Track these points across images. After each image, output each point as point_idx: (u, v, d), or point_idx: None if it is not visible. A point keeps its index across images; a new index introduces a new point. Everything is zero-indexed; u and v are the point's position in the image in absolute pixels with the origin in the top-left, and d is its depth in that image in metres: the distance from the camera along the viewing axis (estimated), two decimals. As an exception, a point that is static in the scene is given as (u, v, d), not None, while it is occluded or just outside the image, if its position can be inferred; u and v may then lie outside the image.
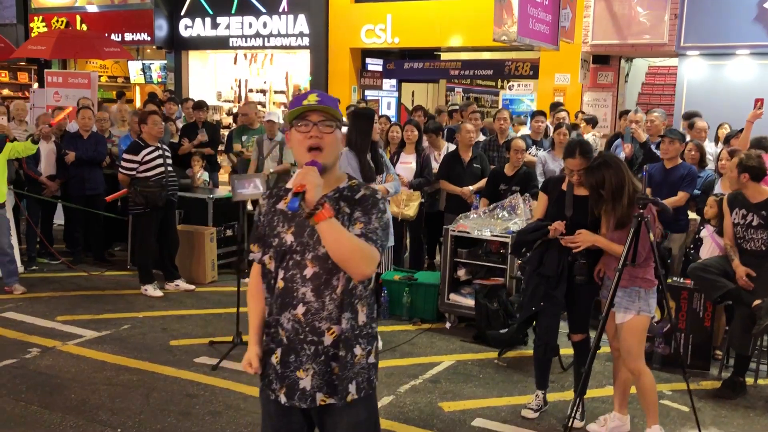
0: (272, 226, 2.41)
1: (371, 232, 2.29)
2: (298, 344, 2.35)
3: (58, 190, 7.87)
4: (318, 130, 2.31)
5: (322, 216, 2.14)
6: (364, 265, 2.23)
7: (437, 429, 4.20)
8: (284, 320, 2.37)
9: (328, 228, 2.17)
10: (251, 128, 8.65)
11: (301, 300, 2.34)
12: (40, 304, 6.50)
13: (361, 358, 2.39)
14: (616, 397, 4.24)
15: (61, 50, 10.90)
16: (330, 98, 2.39)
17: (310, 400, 2.35)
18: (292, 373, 2.36)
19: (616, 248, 3.91)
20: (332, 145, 2.34)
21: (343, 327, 2.34)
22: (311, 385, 2.35)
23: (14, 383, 4.71)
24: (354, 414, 2.41)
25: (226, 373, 4.95)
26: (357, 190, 2.38)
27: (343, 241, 2.20)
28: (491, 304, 5.77)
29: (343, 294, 2.33)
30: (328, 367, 2.35)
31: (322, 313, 2.33)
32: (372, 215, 2.32)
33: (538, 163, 7.23)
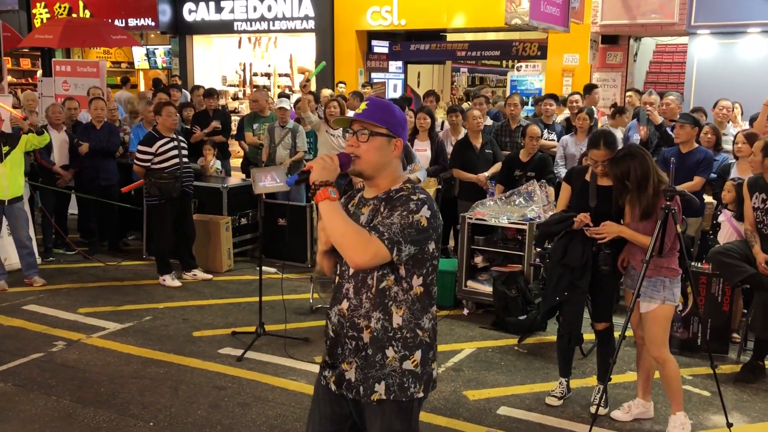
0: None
1: (383, 225, 2.29)
2: (342, 338, 2.43)
3: (72, 180, 7.90)
4: (355, 139, 2.38)
5: (320, 197, 2.25)
6: (355, 253, 2.25)
7: (464, 418, 4.26)
8: (332, 314, 2.48)
9: (324, 209, 2.27)
10: (262, 116, 8.64)
11: (345, 296, 2.43)
12: (60, 296, 6.56)
13: (393, 361, 2.39)
14: (640, 383, 4.29)
15: (69, 39, 10.86)
16: (381, 106, 2.43)
17: (355, 392, 2.42)
18: (339, 364, 2.44)
19: (641, 239, 3.94)
20: (369, 152, 2.38)
21: (373, 326, 2.38)
22: (355, 377, 2.41)
23: (44, 377, 4.78)
24: (388, 420, 2.42)
25: (251, 364, 5.01)
26: (400, 190, 2.41)
27: (337, 223, 2.26)
28: (510, 291, 5.82)
29: (377, 294, 2.38)
30: (367, 363, 2.40)
31: (360, 311, 2.39)
32: (395, 212, 2.32)
33: (559, 147, 7.24)
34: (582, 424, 4.19)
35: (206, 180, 8.09)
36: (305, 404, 4.38)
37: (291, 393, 4.56)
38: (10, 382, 4.71)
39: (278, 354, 5.20)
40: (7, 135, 6.71)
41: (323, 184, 2.26)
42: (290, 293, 6.26)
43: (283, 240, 7.45)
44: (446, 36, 14.61)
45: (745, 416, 4.36)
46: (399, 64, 14.89)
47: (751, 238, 4.92)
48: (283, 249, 7.36)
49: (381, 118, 2.39)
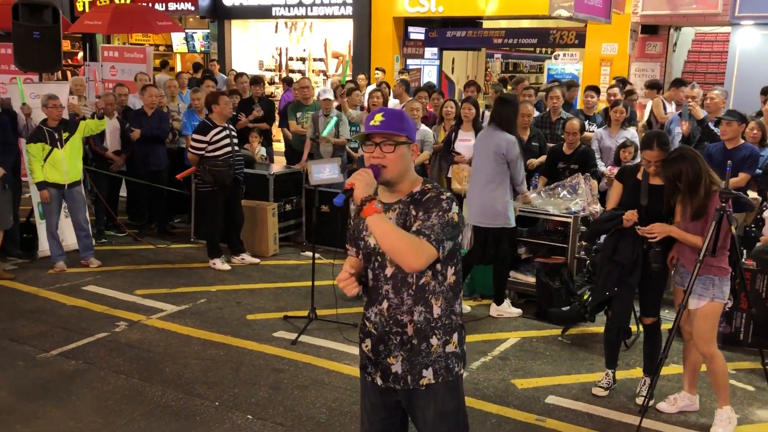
0: (359, 229, 2.65)
1: (426, 228, 2.44)
2: (385, 335, 2.60)
3: (124, 165, 8.16)
4: (380, 150, 2.50)
5: (368, 211, 2.36)
6: (411, 258, 2.39)
7: (513, 406, 4.44)
8: (371, 314, 2.62)
9: (374, 222, 2.38)
10: (305, 104, 8.81)
11: (385, 296, 2.58)
12: (116, 277, 6.83)
13: (437, 348, 2.59)
14: (686, 377, 4.43)
15: (117, 25, 11.10)
16: (395, 115, 2.55)
17: (402, 382, 2.61)
18: (384, 359, 2.62)
19: (691, 239, 4.06)
20: (395, 161, 2.51)
21: (418, 319, 2.56)
22: (402, 369, 2.60)
23: (111, 356, 5.04)
24: (441, 402, 2.62)
25: (305, 348, 5.23)
26: (425, 192, 2.56)
27: (390, 234, 2.39)
28: (553, 283, 5.96)
29: (417, 290, 2.54)
30: (413, 354, 2.58)
31: (403, 308, 2.56)
32: (432, 213, 2.47)
33: (594, 140, 7.31)
34: (629, 414, 4.34)
35: (253, 167, 8.29)
36: (361, 388, 4.59)
37: (346, 377, 4.77)
38: (81, 359, 4.98)
39: (330, 338, 5.41)
40: (67, 122, 6.96)
41: (368, 199, 2.38)
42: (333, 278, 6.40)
43: (327, 226, 7.63)
44: (482, 23, 14.60)
45: (788, 411, 4.48)
46: (434, 51, 14.92)
47: (797, 236, 5.00)
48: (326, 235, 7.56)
49: (400, 127, 2.52)
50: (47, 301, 6.13)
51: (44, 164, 6.72)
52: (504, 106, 5.84)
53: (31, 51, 7.25)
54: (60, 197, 6.89)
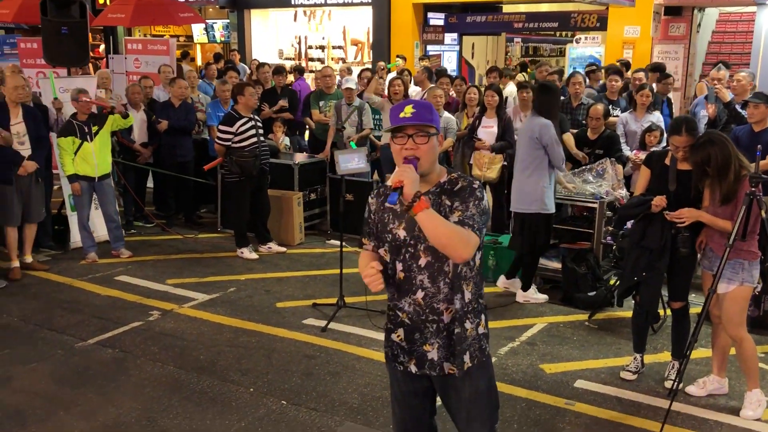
0: (384, 222, 2.68)
1: (468, 218, 2.51)
2: (420, 324, 2.66)
3: (151, 156, 8.28)
4: (413, 142, 2.54)
5: (419, 207, 2.38)
6: (462, 249, 2.46)
7: (542, 390, 4.50)
8: (404, 304, 2.67)
9: (425, 218, 2.41)
10: (328, 93, 8.86)
11: (420, 286, 2.63)
12: (147, 267, 6.97)
13: (471, 331, 2.67)
14: (715, 360, 4.45)
15: (139, 18, 11.21)
16: (424, 107, 2.58)
17: (438, 369, 2.67)
18: (420, 347, 2.68)
19: (720, 223, 4.07)
20: (428, 152, 2.55)
21: (456, 306, 2.62)
22: (438, 356, 2.66)
23: (146, 345, 5.17)
24: (474, 382, 2.70)
25: (335, 335, 5.32)
26: (456, 182, 2.61)
27: (441, 228, 2.43)
28: (579, 268, 5.99)
29: (454, 278, 2.60)
30: (450, 340, 2.64)
31: (439, 296, 2.62)
32: (469, 203, 2.54)
33: (619, 124, 7.28)
34: (657, 398, 4.38)
35: (278, 157, 8.38)
36: (391, 374, 4.68)
37: (376, 363, 4.86)
38: (117, 348, 5.12)
39: (359, 325, 5.50)
40: (96, 116, 7.08)
41: (418, 196, 2.39)
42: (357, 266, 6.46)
43: (352, 215, 7.70)
44: (502, 7, 14.54)
45: (818, 394, 4.49)
46: (454, 36, 14.90)
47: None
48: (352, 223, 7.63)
49: (429, 119, 2.55)
50: (82, 292, 6.28)
51: (75, 157, 6.85)
52: (544, 94, 5.87)
53: (60, 46, 7.37)
54: (91, 190, 7.02)
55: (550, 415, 4.20)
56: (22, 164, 6.44)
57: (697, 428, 4.07)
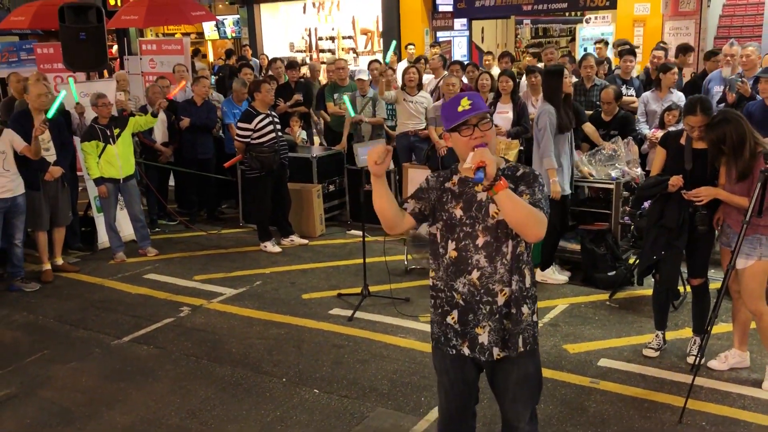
0: (441, 202, 2.78)
1: (537, 201, 2.62)
2: (474, 305, 2.74)
3: (172, 155, 8.44)
4: (479, 130, 2.64)
5: (501, 186, 2.46)
6: (538, 228, 2.56)
7: (567, 370, 4.61)
8: (459, 285, 2.75)
9: (506, 197, 2.49)
10: (341, 85, 8.95)
11: (476, 266, 2.72)
12: (174, 264, 7.14)
13: (528, 316, 2.77)
14: (736, 334, 4.54)
15: (153, 19, 11.36)
16: (477, 97, 2.69)
17: (488, 353, 2.76)
18: (472, 330, 2.76)
19: (737, 200, 4.14)
20: (492, 139, 2.68)
21: (513, 288, 2.72)
22: (488, 340, 2.75)
23: (179, 340, 5.34)
24: (523, 367, 2.81)
25: (362, 324, 5.46)
26: (517, 169, 2.74)
27: (520, 207, 2.53)
28: (598, 249, 6.07)
29: (512, 259, 2.70)
30: (502, 324, 2.73)
31: (495, 277, 2.71)
32: (535, 188, 2.66)
33: (640, 103, 7.29)
34: (680, 373, 4.48)
35: (296, 150, 8.50)
36: (418, 359, 4.81)
37: (403, 349, 4.99)
38: (152, 344, 5.29)
39: (384, 313, 5.63)
40: (117, 118, 7.24)
41: (499, 176, 2.47)
42: (380, 255, 6.61)
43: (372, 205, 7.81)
44: (511, -10, 14.50)
45: (839, 364, 4.56)
46: (463, 21, 14.90)
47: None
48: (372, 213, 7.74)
49: (485, 107, 2.68)
50: (113, 291, 6.47)
51: (99, 160, 7.01)
52: (547, 80, 5.95)
53: (79, 51, 7.52)
54: (116, 191, 7.20)
55: (576, 394, 4.31)
56: (48, 170, 6.61)
57: (720, 402, 4.16)
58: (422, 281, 6.34)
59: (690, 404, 4.02)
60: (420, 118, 8.05)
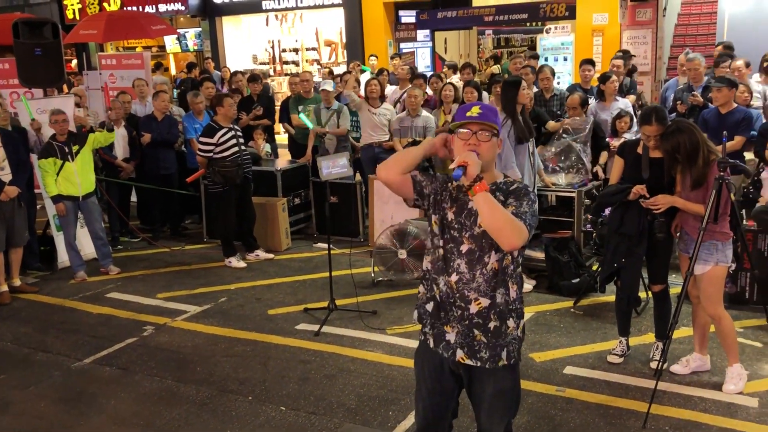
0: (440, 199, 2.80)
1: (521, 213, 2.61)
2: (447, 305, 2.77)
3: (133, 171, 8.32)
4: (476, 138, 2.67)
5: (480, 188, 2.50)
6: (515, 237, 2.53)
7: (533, 379, 4.63)
8: (440, 281, 2.79)
9: (484, 199, 2.52)
10: (306, 97, 8.93)
11: (456, 270, 2.74)
12: (137, 282, 7.02)
13: (513, 330, 2.77)
14: (696, 339, 4.62)
15: (112, 33, 11.20)
16: (490, 109, 2.73)
17: (451, 353, 2.78)
18: (442, 326, 2.80)
19: (693, 207, 4.23)
20: (488, 150, 2.69)
21: (498, 301, 2.72)
22: (454, 340, 2.77)
23: (143, 360, 5.24)
24: (502, 380, 2.81)
25: (329, 338, 5.43)
26: (511, 183, 2.76)
27: (497, 212, 2.53)
28: (562, 257, 6.14)
29: (496, 270, 2.70)
30: (471, 332, 2.74)
31: (472, 284, 2.72)
32: (523, 201, 2.66)
33: (589, 115, 7.42)
34: (644, 379, 4.54)
35: (260, 164, 8.45)
36: (386, 373, 4.80)
37: (371, 363, 4.97)
38: (114, 365, 5.18)
39: (351, 327, 5.60)
40: (76, 135, 7.11)
41: (479, 178, 2.52)
42: (346, 268, 6.60)
43: (338, 217, 7.81)
44: (472, 1, 14.67)
45: (796, 364, 4.67)
46: (426, 33, 15.01)
47: (795, 195, 5.16)
48: (338, 225, 7.74)
49: (494, 121, 2.70)
50: (73, 311, 6.33)
51: (57, 178, 6.88)
52: (503, 92, 6.00)
53: (34, 67, 7.38)
54: (76, 209, 7.06)
55: (543, 402, 4.34)
56: (4, 190, 6.46)
57: (683, 405, 4.22)
58: (389, 293, 6.34)
59: (653, 409, 4.07)
60: (384, 130, 8.07)
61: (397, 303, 6.10)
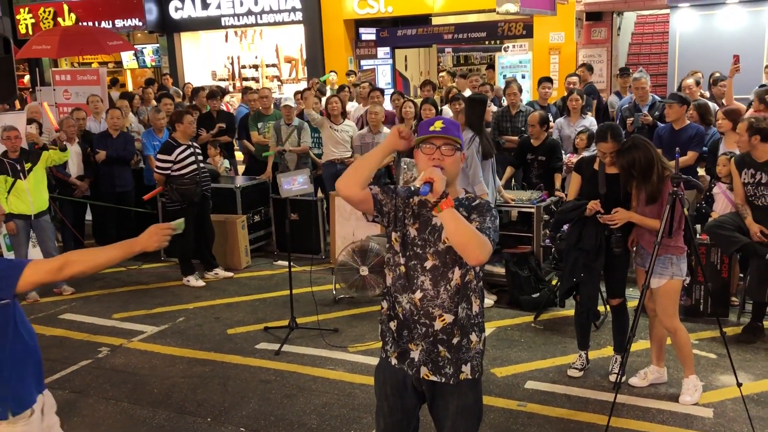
0: (401, 215, 2.78)
1: (485, 229, 2.63)
2: (411, 323, 2.75)
3: (88, 189, 8.14)
4: (440, 153, 2.67)
5: (446, 204, 2.51)
6: (479, 251, 2.54)
7: (495, 394, 4.64)
8: (403, 299, 2.76)
9: (450, 216, 2.52)
10: (265, 114, 8.88)
11: (420, 287, 2.72)
12: (92, 303, 6.85)
13: (476, 344, 2.77)
14: (654, 351, 4.69)
15: (66, 48, 10.97)
16: (452, 123, 2.73)
17: (415, 371, 2.76)
18: (405, 344, 2.78)
19: (648, 222, 4.31)
20: (452, 165, 2.69)
21: (460, 315, 2.71)
22: (419, 358, 2.75)
23: (98, 382, 5.10)
24: (464, 396, 2.80)
25: (289, 357, 5.36)
26: (474, 199, 2.77)
27: (462, 227, 2.54)
28: (522, 271, 6.20)
29: (459, 286, 2.70)
30: (435, 348, 2.73)
31: (437, 301, 2.71)
32: (486, 217, 2.68)
33: (554, 130, 7.54)
34: (604, 392, 4.58)
35: (218, 181, 8.35)
36: (348, 391, 4.75)
37: (332, 382, 4.92)
38: (67, 389, 5.02)
39: (311, 345, 5.54)
40: (28, 152, 6.93)
41: (446, 194, 2.52)
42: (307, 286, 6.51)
43: (299, 234, 7.74)
44: (431, 20, 14.84)
45: (749, 374, 4.77)
46: (387, 50, 15.13)
47: (743, 211, 5.30)
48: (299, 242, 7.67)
49: (457, 135, 2.71)
50: (25, 333, 6.12)
51: (8, 196, 6.68)
52: (470, 108, 6.06)
53: (-15, 83, 7.19)
54: (28, 228, 6.86)
55: (504, 418, 4.35)
56: (-47, 207, 6.25)
57: (641, 418, 4.28)
58: (351, 311, 6.30)
59: (613, 422, 4.11)
60: (346, 146, 8.07)
61: (358, 320, 6.06)
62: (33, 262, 2.59)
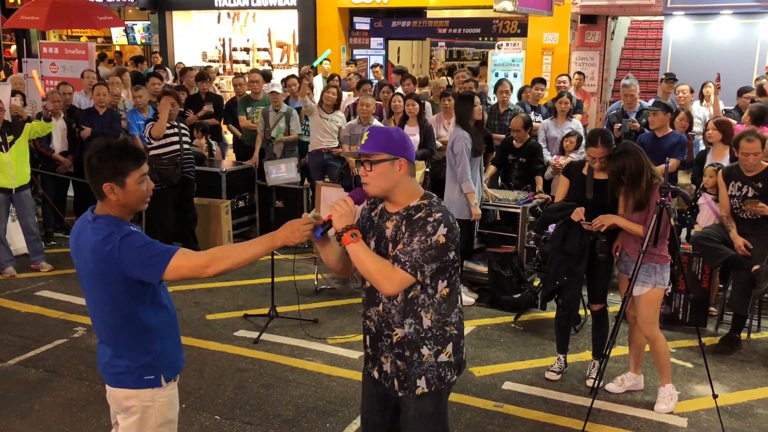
0: (365, 229, 2.77)
1: (404, 254, 2.53)
2: (381, 335, 2.75)
3: (71, 165, 8.02)
4: (363, 169, 2.63)
5: (345, 241, 2.53)
6: (383, 285, 2.55)
7: (472, 393, 4.64)
8: (372, 313, 2.77)
9: (351, 252, 2.56)
10: (255, 99, 8.80)
11: (381, 300, 2.72)
12: (70, 281, 6.75)
13: (429, 358, 2.69)
14: (632, 358, 4.71)
15: (55, 21, 10.77)
16: (379, 134, 2.63)
17: (390, 382, 2.76)
18: (379, 357, 2.78)
19: (634, 228, 4.32)
20: (375, 179, 2.60)
21: (407, 330, 2.68)
22: (390, 370, 2.75)
23: (72, 363, 5.03)
24: (421, 405, 2.75)
25: (268, 346, 5.32)
26: (419, 210, 2.60)
27: (364, 263, 2.54)
28: (504, 271, 6.20)
29: (403, 302, 2.67)
30: (396, 360, 2.73)
31: (391, 314, 2.70)
32: (415, 237, 2.54)
33: (540, 130, 7.54)
34: (580, 396, 4.60)
35: (204, 164, 8.26)
36: (325, 384, 4.73)
37: (310, 373, 4.89)
38: (41, 368, 4.95)
39: (291, 335, 5.51)
40: (11, 124, 6.81)
41: (345, 230, 2.52)
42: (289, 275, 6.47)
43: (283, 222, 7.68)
44: (426, 13, 14.77)
45: (725, 386, 4.81)
46: (380, 41, 15.04)
47: (728, 223, 5.34)
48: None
49: (380, 146, 2.59)
50: (0, 309, 6.04)
51: (-11, 168, 6.57)
52: (459, 104, 6.06)
53: (-31, 52, 7.05)
54: (8, 201, 6.75)
55: (480, 418, 4.35)
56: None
57: (616, 424, 4.30)
58: (332, 302, 6.27)
59: (588, 427, 4.13)
60: (333, 136, 8.01)
61: (339, 312, 6.04)
62: (181, 252, 2.60)
